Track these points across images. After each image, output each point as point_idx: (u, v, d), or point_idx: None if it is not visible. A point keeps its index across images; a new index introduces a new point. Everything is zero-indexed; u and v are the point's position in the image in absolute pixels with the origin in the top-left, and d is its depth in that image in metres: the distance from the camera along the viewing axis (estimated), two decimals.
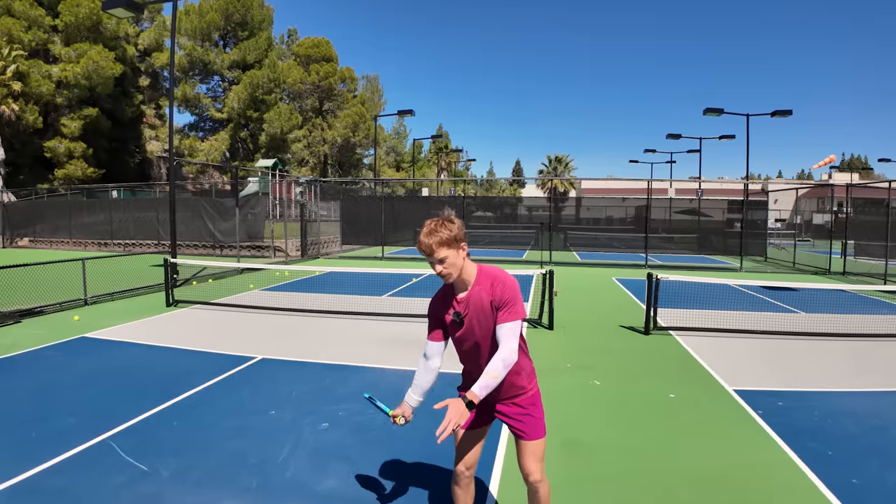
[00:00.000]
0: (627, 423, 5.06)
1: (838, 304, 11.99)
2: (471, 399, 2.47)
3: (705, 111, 22.78)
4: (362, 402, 5.30)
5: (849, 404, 5.73)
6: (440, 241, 2.60)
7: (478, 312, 2.70)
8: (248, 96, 38.80)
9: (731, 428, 5.10)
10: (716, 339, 8.47)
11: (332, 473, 3.92)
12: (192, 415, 4.90)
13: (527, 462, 2.84)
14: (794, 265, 20.90)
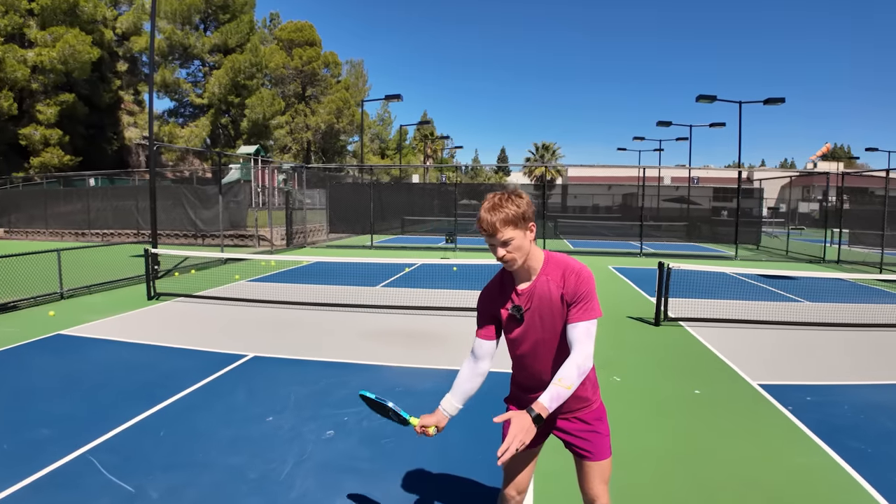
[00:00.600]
0: (658, 425, 4.69)
1: (838, 292, 11.85)
2: (538, 412, 2.04)
3: (698, 98, 22.49)
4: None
5: (877, 398, 5.47)
6: (506, 219, 2.13)
7: (543, 308, 2.25)
8: (230, 81, 37.71)
9: (766, 427, 4.80)
10: (728, 329, 8.19)
11: (344, 491, 3.49)
12: (182, 423, 4.43)
13: (592, 486, 2.43)
14: (787, 253, 20.84)
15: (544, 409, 2.04)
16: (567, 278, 2.22)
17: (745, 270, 13.35)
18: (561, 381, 2.09)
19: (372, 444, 4.17)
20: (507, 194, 2.19)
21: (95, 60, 33.51)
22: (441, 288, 10.85)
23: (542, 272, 2.27)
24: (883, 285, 13.14)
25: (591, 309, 2.19)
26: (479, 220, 2.17)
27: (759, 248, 22.92)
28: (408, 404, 4.89)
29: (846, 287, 12.62)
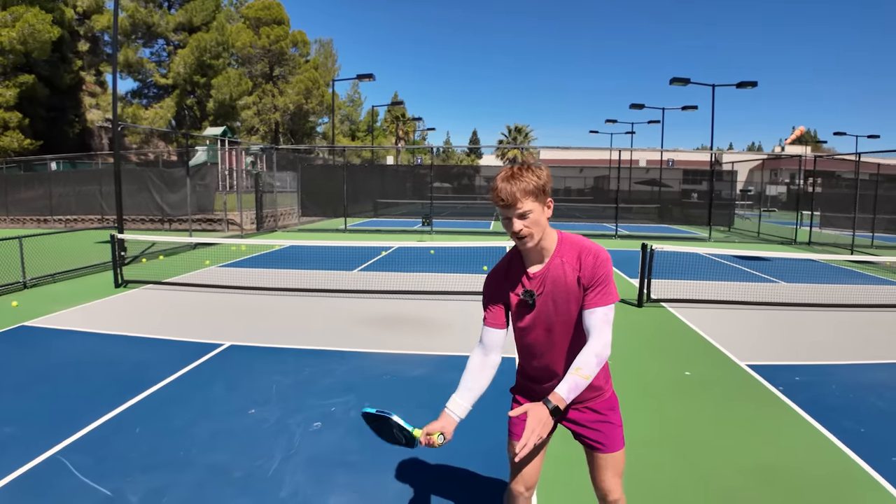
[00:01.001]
0: (653, 408, 4.62)
1: (812, 273, 12.05)
2: (556, 404, 1.88)
3: (672, 80, 22.52)
4: (357, 394, 4.70)
5: (864, 377, 5.51)
6: (526, 189, 1.96)
7: (557, 292, 2.08)
8: (195, 61, 36.41)
9: (759, 408, 4.78)
10: (709, 310, 8.21)
11: (337, 486, 3.31)
12: (158, 418, 4.17)
13: (606, 479, 2.29)
14: (758, 235, 21.21)
15: (562, 400, 1.90)
16: (584, 260, 2.06)
17: (723, 251, 13.50)
18: (579, 370, 1.95)
19: (361, 436, 3.98)
20: (526, 165, 2.02)
21: (56, 40, 32.06)
22: (420, 271, 10.66)
23: (555, 253, 2.11)
24: (855, 266, 13.41)
25: (609, 293, 2.05)
26: (496, 190, 1.99)
27: (732, 230, 23.29)
28: (398, 392, 4.76)
29: (819, 268, 12.84)
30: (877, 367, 5.83)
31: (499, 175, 2.02)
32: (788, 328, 7.44)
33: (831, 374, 5.62)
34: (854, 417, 4.53)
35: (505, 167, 2.05)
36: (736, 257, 14.18)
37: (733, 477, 3.61)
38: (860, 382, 5.35)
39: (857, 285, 10.87)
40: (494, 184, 2.01)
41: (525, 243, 2.04)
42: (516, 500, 2.36)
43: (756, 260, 13.81)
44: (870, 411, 4.67)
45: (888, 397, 4.97)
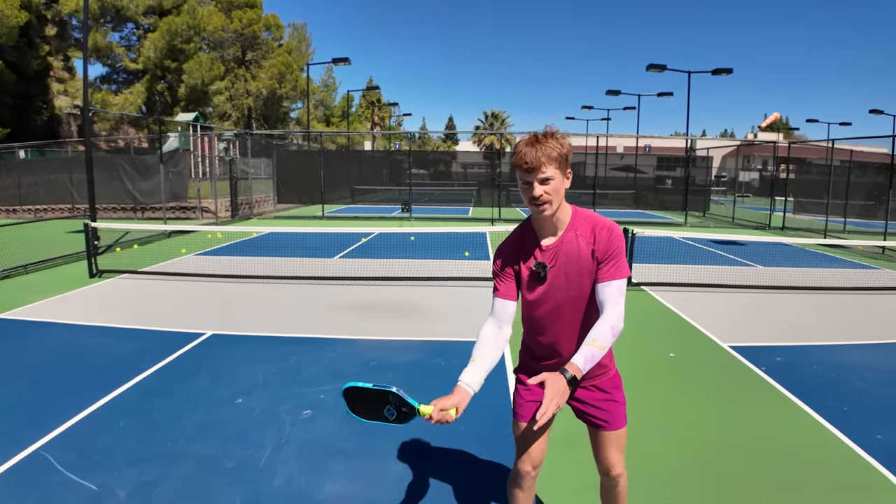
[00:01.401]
0: (640, 388, 4.65)
1: (787, 257, 12.31)
2: (573, 374, 1.88)
3: (648, 67, 22.68)
4: (347, 380, 4.61)
5: (843, 357, 5.63)
6: (550, 156, 1.95)
7: (570, 265, 2.08)
8: (166, 45, 35.41)
9: (745, 389, 4.86)
10: (690, 293, 8.32)
11: (333, 474, 3.25)
12: (141, 410, 4.05)
13: (610, 455, 2.32)
14: (733, 220, 21.57)
15: (578, 370, 1.91)
16: (598, 234, 2.07)
17: (699, 235, 13.67)
18: (595, 341, 1.96)
19: (353, 422, 3.89)
20: (550, 132, 2.01)
21: (23, 25, 30.90)
22: (402, 258, 10.60)
23: (570, 227, 2.11)
24: (828, 251, 13.72)
25: (622, 267, 2.07)
26: (520, 153, 1.97)
27: (707, 216, 23.63)
28: (386, 378, 4.71)
29: (794, 252, 13.10)
30: (855, 348, 5.96)
31: (522, 140, 2.01)
32: (767, 310, 7.57)
33: (811, 354, 5.73)
34: (836, 397, 4.63)
35: (528, 134, 2.04)
36: (712, 242, 14.40)
37: (726, 455, 3.66)
38: (840, 363, 5.47)
39: (832, 269, 11.13)
40: (518, 148, 2.00)
41: (543, 210, 2.02)
42: (523, 479, 2.35)
43: (732, 244, 14.06)
44: (851, 391, 4.78)
45: (868, 377, 5.09)
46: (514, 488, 2.39)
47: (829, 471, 3.48)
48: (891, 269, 11.39)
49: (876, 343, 6.15)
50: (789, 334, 6.44)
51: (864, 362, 5.48)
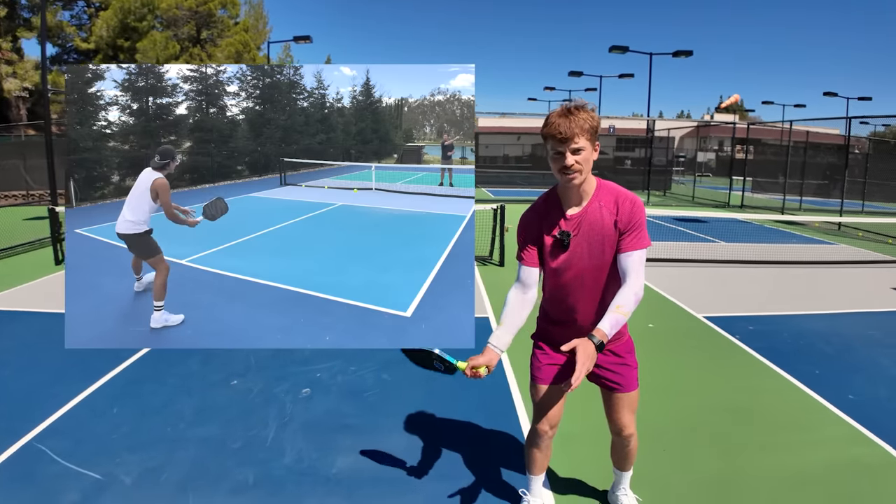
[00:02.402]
0: None
1: (748, 234, 12.80)
2: (600, 339, 1.99)
3: (611, 48, 22.92)
4: (342, 359, 4.65)
5: (810, 326, 5.94)
6: (583, 128, 2.02)
7: (593, 234, 2.16)
8: (118, 23, 33.84)
9: (723, 355, 5.11)
10: (659, 268, 8.57)
11: (341, 449, 3.29)
12: (133, 397, 3.98)
13: (623, 416, 2.46)
14: (693, 199, 22.20)
15: (605, 335, 2.01)
16: (621, 205, 2.15)
17: (662, 213, 14.04)
18: (620, 307, 2.06)
19: (355, 399, 3.98)
20: (581, 104, 2.08)
21: None
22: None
23: (594, 197, 2.19)
24: (785, 227, 14.30)
25: (644, 237, 2.16)
26: (554, 124, 2.04)
27: (668, 195, 24.23)
28: (382, 355, 4.74)
29: (753, 229, 13.62)
30: (819, 318, 6.28)
31: (554, 112, 2.08)
32: (733, 283, 7.89)
33: (781, 323, 6.02)
34: (808, 361, 4.90)
35: (560, 105, 2.10)
36: (675, 219, 14.82)
37: (712, 417, 3.86)
38: (808, 330, 5.76)
39: (790, 244, 11.63)
40: (551, 119, 2.06)
41: (573, 180, 2.09)
42: (541, 438, 2.45)
43: (694, 222, 14.50)
44: (820, 356, 5.06)
45: (835, 343, 5.39)
46: (532, 448, 2.50)
47: (808, 428, 3.71)
48: (847, 244, 11.96)
49: (839, 312, 6.50)
50: (757, 305, 6.73)
51: (829, 330, 5.79)
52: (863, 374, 4.66)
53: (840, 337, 5.59)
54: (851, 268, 9.27)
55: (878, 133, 40.82)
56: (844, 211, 14.86)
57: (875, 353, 5.13)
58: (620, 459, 2.65)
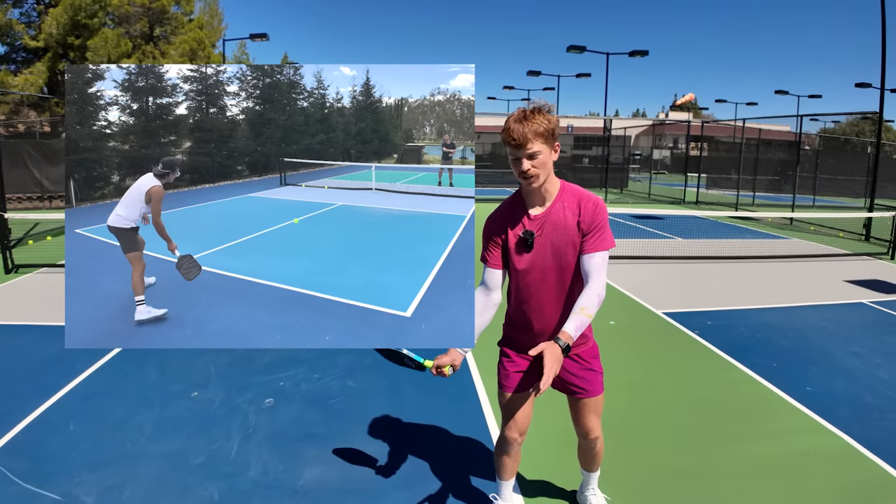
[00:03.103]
0: None
1: (703, 230, 13.15)
2: (566, 341, 1.99)
3: (569, 48, 23.25)
4: (306, 366, 4.59)
5: (767, 320, 6.13)
6: (536, 132, 2.04)
7: (556, 235, 2.19)
8: (69, 20, 32.46)
9: (683, 350, 5.24)
10: (618, 265, 8.72)
11: (308, 460, 3.23)
12: (90, 412, 3.83)
13: (589, 420, 2.49)
14: (649, 196, 22.66)
15: (570, 337, 2.02)
16: (584, 206, 2.18)
17: (620, 210, 14.29)
18: (584, 309, 2.08)
19: (319, 407, 3.93)
20: (538, 108, 2.09)
21: None
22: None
23: (557, 198, 2.22)
24: (740, 223, 14.74)
25: (606, 238, 2.19)
26: (508, 129, 2.06)
27: (624, 192, 24.69)
28: (346, 361, 4.70)
29: (709, 225, 14.00)
30: (775, 311, 6.50)
31: (511, 116, 2.09)
32: (690, 279, 8.09)
33: (738, 318, 6.20)
34: (765, 354, 5.05)
35: (517, 109, 2.12)
36: (632, 216, 15.11)
37: (674, 412, 3.95)
38: (764, 324, 5.95)
39: (745, 239, 11.98)
40: (507, 124, 2.08)
41: (531, 183, 2.12)
42: (510, 445, 2.45)
43: (651, 219, 14.81)
44: (777, 349, 5.23)
45: (791, 336, 5.58)
46: (501, 455, 2.50)
47: (767, 419, 3.83)
48: (799, 238, 12.40)
49: (792, 306, 6.73)
50: (714, 300, 6.92)
51: (785, 323, 5.99)
52: (819, 365, 4.84)
53: (796, 330, 5.79)
54: (804, 261, 9.61)
55: (827, 130, 42.52)
56: (796, 206, 15.41)
57: (830, 345, 5.33)
58: (587, 461, 2.69)
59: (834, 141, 31.16)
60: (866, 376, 4.61)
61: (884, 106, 12.82)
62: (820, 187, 20.69)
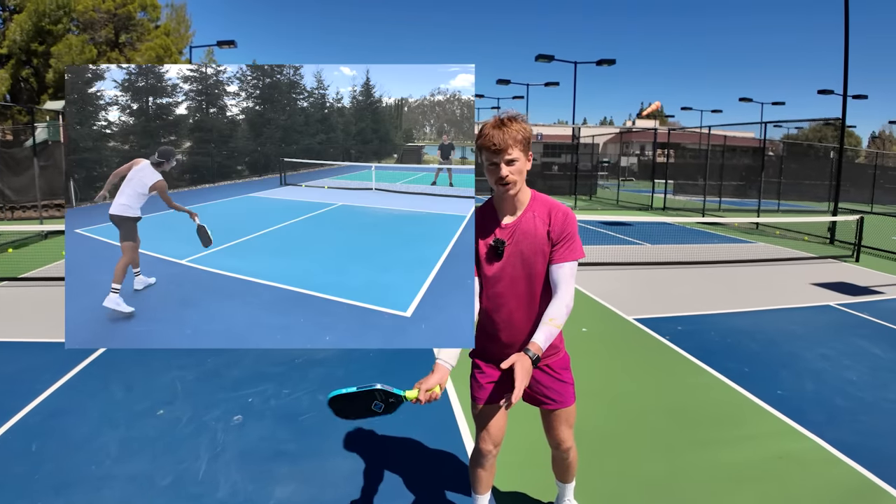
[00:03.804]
0: None
1: (671, 235, 13.34)
2: (535, 352, 1.99)
3: (537, 57, 23.53)
4: (275, 382, 4.50)
5: (737, 324, 6.23)
6: (516, 138, 2.06)
7: (526, 244, 2.19)
8: (33, 27, 31.65)
9: (654, 356, 5.28)
10: (589, 272, 8.79)
11: (279, 478, 3.16)
12: (54, 432, 3.70)
13: (561, 431, 2.48)
14: (618, 202, 22.99)
15: (539, 349, 2.02)
16: (554, 216, 2.19)
17: (589, 217, 14.45)
18: (552, 320, 2.08)
19: (290, 423, 3.85)
20: (514, 115, 2.11)
21: None
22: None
23: (528, 208, 2.23)
24: (707, 228, 15.00)
25: (575, 249, 2.19)
26: (485, 136, 2.07)
27: (593, 199, 25.01)
28: (316, 374, 4.62)
29: (676, 230, 14.20)
30: (744, 315, 6.61)
31: (487, 123, 2.10)
32: (660, 284, 8.19)
33: (707, 322, 6.29)
34: (736, 359, 5.13)
35: (493, 117, 2.13)
36: (602, 223, 15.28)
37: (648, 418, 3.98)
38: (734, 328, 6.04)
39: (712, 244, 12.20)
40: (484, 130, 2.08)
41: (508, 190, 2.12)
42: (484, 458, 2.43)
43: (620, 225, 14.99)
44: (747, 353, 5.31)
45: (760, 340, 5.68)
46: (476, 468, 2.47)
47: (740, 424, 3.88)
48: (765, 242, 12.67)
49: (761, 310, 6.85)
50: (684, 305, 7.01)
51: (754, 327, 6.09)
52: (789, 368, 4.93)
53: (764, 333, 5.89)
54: (771, 265, 9.82)
55: (791, 136, 43.68)
56: (762, 211, 15.74)
57: (798, 348, 5.44)
58: (561, 472, 2.68)
59: (797, 147, 32.00)
60: (836, 378, 4.71)
61: (846, 112, 13.18)
62: (784, 192, 21.22)
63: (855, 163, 35.17)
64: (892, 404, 4.23)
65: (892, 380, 4.72)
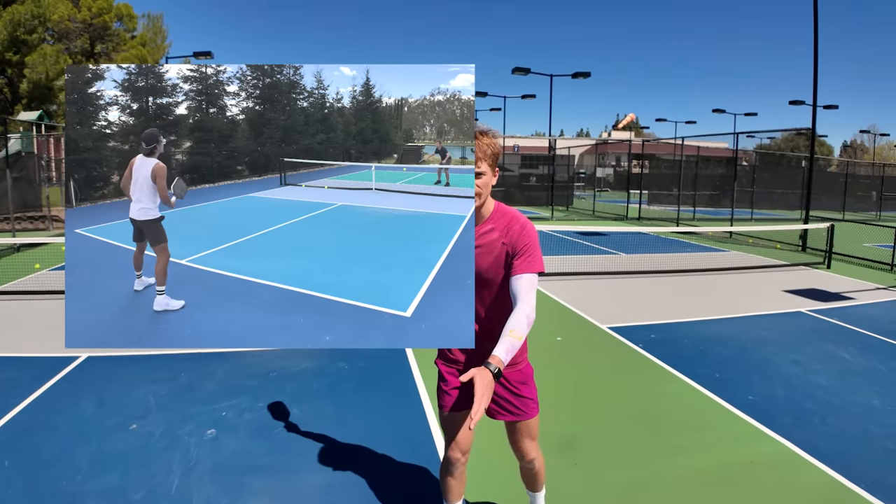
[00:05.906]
0: (537, 370, 4.93)
1: (646, 245, 13.54)
2: (497, 366, 1.94)
3: (514, 70, 23.77)
4: (249, 395, 4.48)
5: (709, 331, 6.35)
6: (485, 153, 2.14)
7: (485, 256, 2.25)
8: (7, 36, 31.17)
9: (628, 364, 5.36)
10: (564, 281, 8.90)
11: (253, 493, 3.14)
12: (24, 449, 3.63)
13: (524, 443, 2.51)
14: (594, 213, 23.28)
15: (501, 362, 1.97)
16: (511, 228, 2.23)
17: (565, 228, 14.60)
18: (513, 332, 2.04)
19: (263, 437, 3.83)
20: (484, 130, 2.16)
21: None
22: None
23: (489, 219, 2.27)
24: (681, 237, 15.22)
25: (533, 261, 2.20)
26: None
27: (570, 209, 25.28)
28: (291, 388, 4.61)
29: (651, 240, 14.42)
30: (716, 322, 6.73)
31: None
32: (634, 293, 8.31)
33: (680, 330, 6.40)
34: (708, 365, 5.22)
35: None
36: (578, 233, 15.45)
37: (621, 425, 4.04)
38: (706, 336, 6.15)
39: (686, 253, 12.39)
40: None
41: (475, 200, 2.19)
42: (453, 466, 2.44)
43: (596, 235, 15.17)
44: (719, 359, 5.41)
45: (732, 346, 5.79)
46: (446, 476, 2.48)
47: (711, 430, 3.96)
48: (738, 250, 12.91)
49: (734, 317, 7.00)
50: (658, 313, 7.12)
51: (726, 334, 6.21)
52: (760, 374, 5.03)
53: (737, 340, 6.01)
54: (744, 273, 10.02)
55: (763, 146, 44.59)
56: (735, 219, 16.03)
57: (770, 354, 5.56)
58: (530, 481, 2.71)
59: (770, 156, 32.69)
60: (806, 383, 4.83)
61: (816, 122, 13.51)
62: (757, 201, 21.64)
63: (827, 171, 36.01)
64: (859, 407, 4.35)
65: (859, 383, 4.85)
